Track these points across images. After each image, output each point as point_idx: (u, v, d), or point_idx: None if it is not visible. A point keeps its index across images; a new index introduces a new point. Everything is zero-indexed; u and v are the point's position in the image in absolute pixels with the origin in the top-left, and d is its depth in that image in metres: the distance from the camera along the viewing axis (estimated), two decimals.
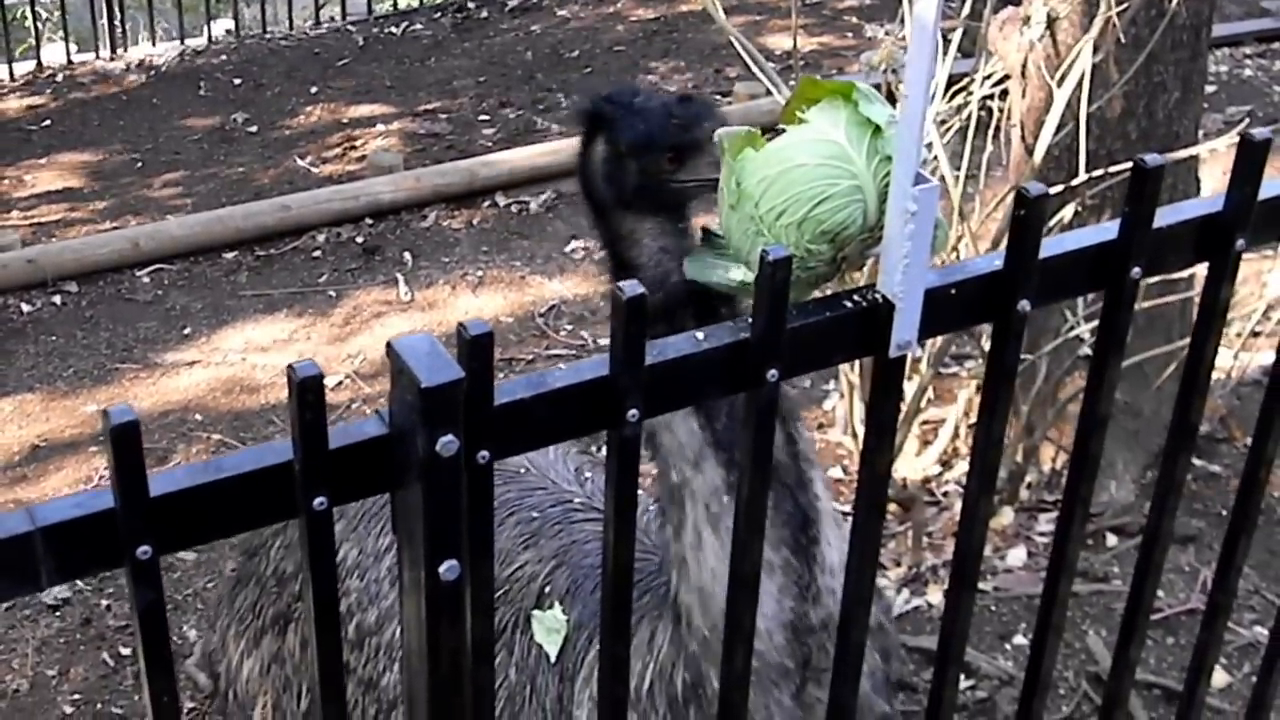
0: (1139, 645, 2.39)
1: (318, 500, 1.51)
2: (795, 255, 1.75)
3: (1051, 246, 1.87)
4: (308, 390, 1.46)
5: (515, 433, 1.60)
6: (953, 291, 1.80)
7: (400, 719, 2.46)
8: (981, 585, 4.07)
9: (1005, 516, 4.22)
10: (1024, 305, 1.83)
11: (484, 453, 1.56)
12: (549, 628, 2.35)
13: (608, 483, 1.68)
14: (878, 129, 1.76)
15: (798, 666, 2.09)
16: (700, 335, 1.69)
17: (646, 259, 2.10)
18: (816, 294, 1.84)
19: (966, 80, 4.17)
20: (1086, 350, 4.25)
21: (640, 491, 2.79)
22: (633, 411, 1.63)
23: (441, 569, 1.54)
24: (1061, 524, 2.14)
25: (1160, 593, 3.98)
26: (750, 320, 1.68)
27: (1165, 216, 1.94)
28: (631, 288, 1.57)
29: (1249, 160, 1.94)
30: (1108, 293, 1.93)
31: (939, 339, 4.17)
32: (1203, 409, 2.15)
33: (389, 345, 1.50)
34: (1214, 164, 5.24)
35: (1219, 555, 2.45)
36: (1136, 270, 1.90)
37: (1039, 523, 4.18)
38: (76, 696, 4.02)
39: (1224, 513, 4.19)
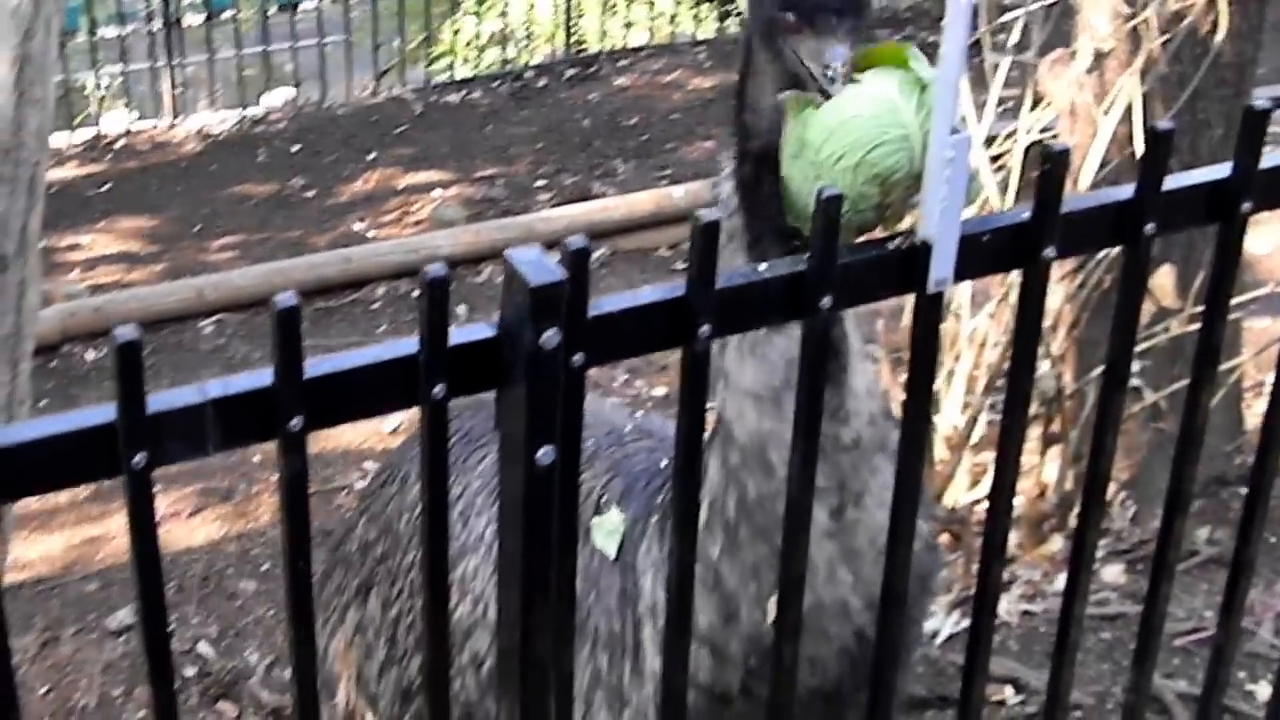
0: (1153, 658, 2.66)
1: (437, 388, 1.87)
2: (848, 197, 2.10)
3: (1074, 202, 2.22)
4: (436, 288, 1.83)
5: (605, 341, 1.95)
6: (985, 239, 2.15)
7: (470, 647, 2.79)
8: (1031, 607, 4.39)
9: (1054, 544, 4.54)
10: (1049, 253, 2.17)
11: (578, 356, 1.91)
12: (608, 530, 2.66)
13: (681, 393, 2.03)
14: (925, 86, 2.13)
15: (834, 486, 2.39)
16: (763, 267, 2.05)
17: (764, 103, 2.37)
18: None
19: (1012, 130, 4.57)
20: (1135, 380, 4.59)
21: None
22: (704, 328, 1.98)
23: (539, 454, 1.89)
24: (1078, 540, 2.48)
25: (1208, 613, 4.29)
26: (807, 255, 2.04)
27: (1176, 180, 2.29)
28: (707, 214, 1.93)
29: (1252, 131, 2.29)
30: (1126, 248, 2.28)
31: (989, 370, 4.51)
32: (1214, 380, 2.46)
33: (505, 255, 1.87)
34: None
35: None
36: (1151, 227, 2.25)
37: None
38: (141, 714, 4.37)
39: (1274, 539, 4.50)
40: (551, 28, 10.78)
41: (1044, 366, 4.48)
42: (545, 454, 1.90)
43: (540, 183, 8.44)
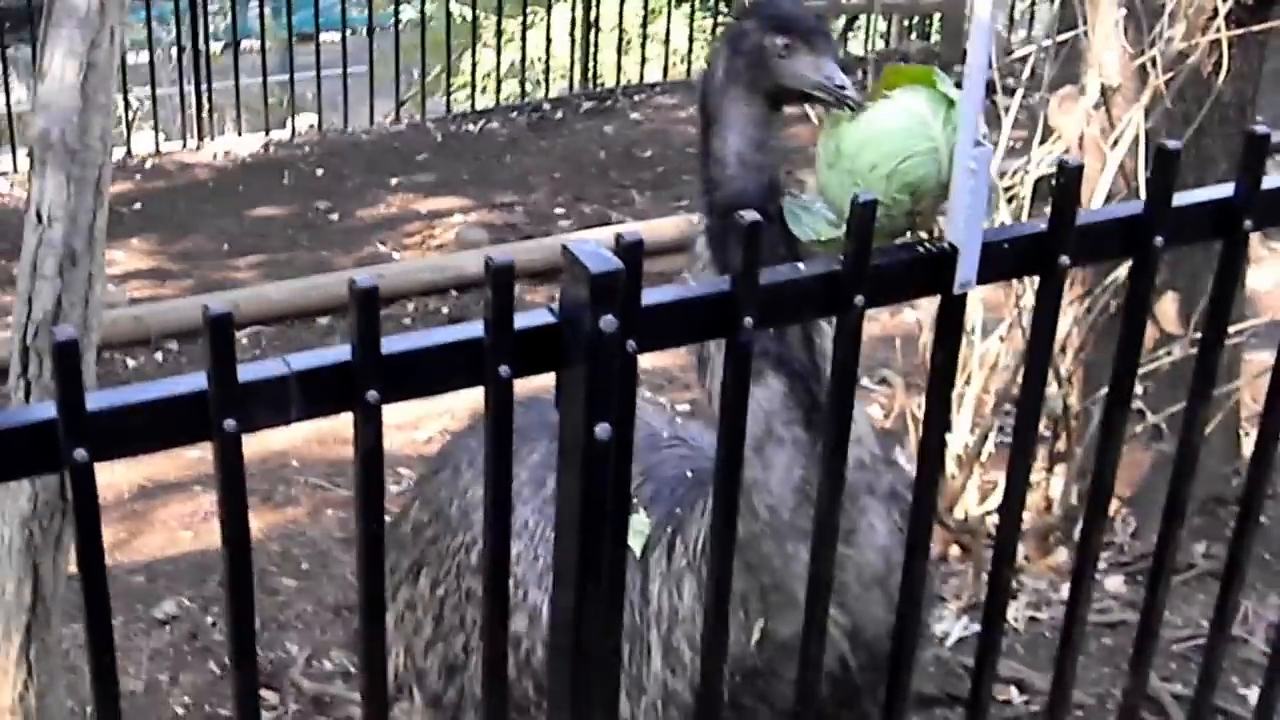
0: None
1: (503, 369, 2.02)
2: (882, 203, 2.25)
3: (1088, 215, 2.38)
4: (500, 276, 1.98)
5: (657, 329, 2.10)
6: (1006, 245, 2.31)
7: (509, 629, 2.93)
8: (1038, 614, 4.54)
9: (1060, 555, 4.69)
10: (1064, 260, 2.33)
11: (632, 342, 2.06)
12: (636, 530, 2.79)
13: (724, 382, 2.18)
14: (952, 103, 2.28)
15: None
16: (801, 266, 2.21)
17: (728, 153, 2.55)
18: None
19: (1024, 161, 4.73)
20: (1138, 403, 4.74)
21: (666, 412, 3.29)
22: (748, 320, 2.13)
23: (597, 429, 2.03)
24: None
25: (1203, 622, 4.44)
26: (842, 256, 2.19)
27: (1184, 198, 2.44)
28: (750, 215, 2.08)
29: (1254, 154, 2.45)
30: (1135, 259, 2.43)
31: (998, 392, 4.66)
32: (1212, 392, 2.61)
33: (564, 246, 2.02)
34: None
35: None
36: (1160, 240, 2.40)
37: None
38: (186, 700, 4.51)
39: (1267, 556, 4.67)
40: (568, 62, 10.98)
41: (1052, 388, 4.63)
42: (603, 430, 2.04)
43: (559, 210, 8.61)
